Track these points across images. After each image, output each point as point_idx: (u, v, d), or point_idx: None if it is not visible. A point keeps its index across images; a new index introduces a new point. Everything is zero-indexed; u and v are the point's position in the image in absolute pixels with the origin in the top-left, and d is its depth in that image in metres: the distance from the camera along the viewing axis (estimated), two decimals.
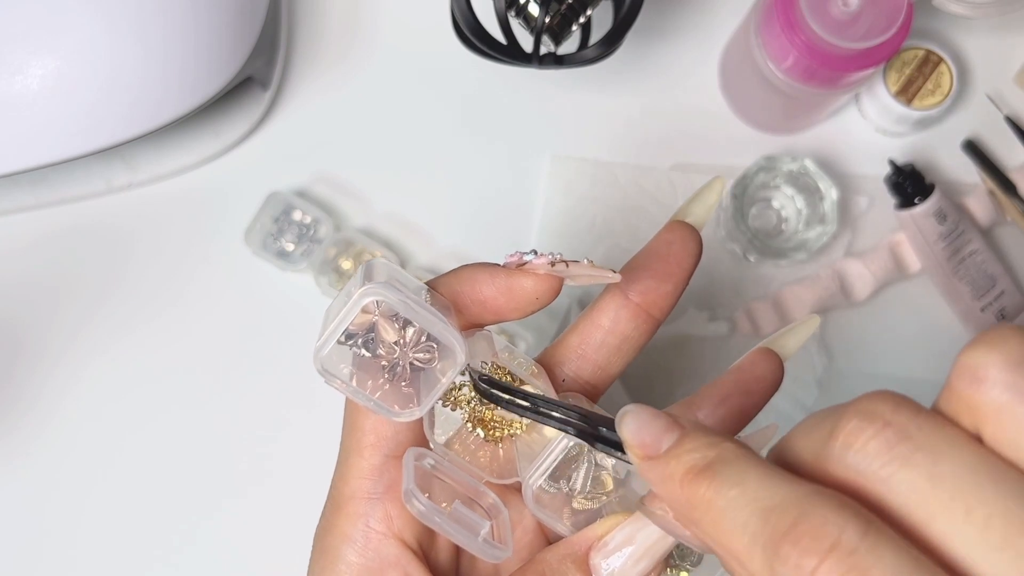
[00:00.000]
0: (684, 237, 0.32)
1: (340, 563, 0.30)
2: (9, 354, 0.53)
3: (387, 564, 0.30)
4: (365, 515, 0.30)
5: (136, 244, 0.53)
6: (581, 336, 0.33)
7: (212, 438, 0.52)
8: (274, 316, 0.53)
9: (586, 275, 0.30)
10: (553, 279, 0.30)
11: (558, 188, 0.53)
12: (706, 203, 0.33)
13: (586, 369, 0.33)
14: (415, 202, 0.54)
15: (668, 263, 0.32)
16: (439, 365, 0.29)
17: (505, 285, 0.30)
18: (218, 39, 0.46)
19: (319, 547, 0.31)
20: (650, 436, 0.24)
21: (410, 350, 0.29)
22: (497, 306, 0.30)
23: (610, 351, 0.32)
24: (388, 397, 0.29)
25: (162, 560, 0.52)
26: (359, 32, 0.55)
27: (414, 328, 0.29)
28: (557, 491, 0.30)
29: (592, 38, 0.47)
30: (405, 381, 0.29)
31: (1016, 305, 0.54)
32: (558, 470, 0.30)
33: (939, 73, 0.53)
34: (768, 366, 0.32)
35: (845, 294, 0.53)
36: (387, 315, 0.28)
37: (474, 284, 0.31)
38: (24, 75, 0.43)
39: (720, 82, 0.55)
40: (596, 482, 0.30)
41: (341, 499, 0.31)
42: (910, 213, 0.52)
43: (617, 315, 0.32)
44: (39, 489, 0.52)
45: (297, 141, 0.54)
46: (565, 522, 0.30)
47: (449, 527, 0.28)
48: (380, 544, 0.30)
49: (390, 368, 0.29)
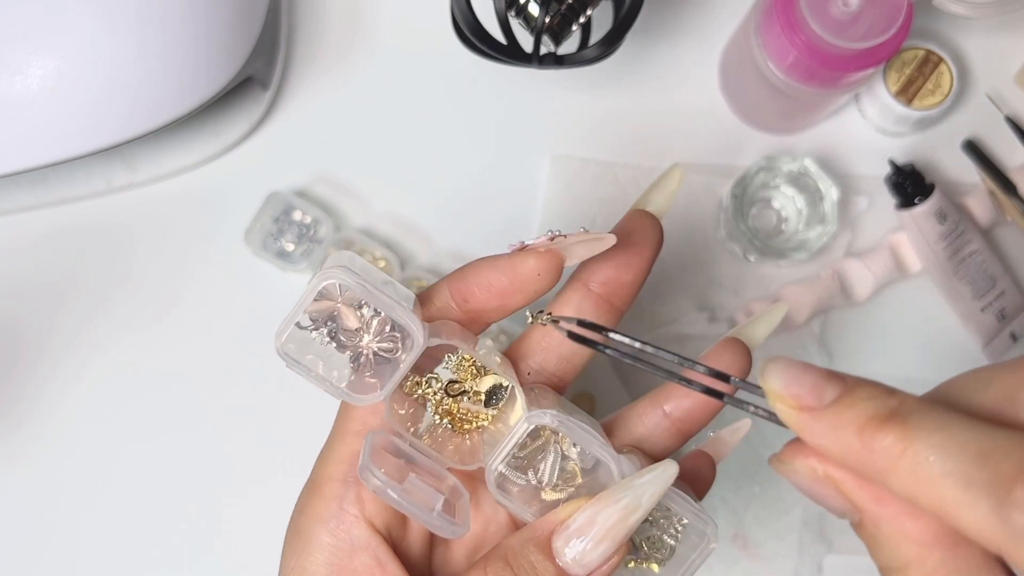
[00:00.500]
0: (644, 226, 0.33)
1: (312, 542, 0.30)
2: (9, 354, 0.53)
3: (358, 546, 0.30)
4: (339, 497, 0.30)
5: (136, 244, 0.53)
6: (544, 329, 0.33)
7: (212, 438, 0.52)
8: (274, 316, 0.53)
9: (582, 242, 0.30)
10: (553, 254, 0.30)
11: (558, 188, 0.53)
12: (666, 191, 0.33)
13: (551, 361, 0.33)
14: (415, 202, 0.54)
15: (628, 253, 0.32)
16: (404, 356, 0.29)
17: (507, 265, 0.30)
18: (218, 39, 0.46)
19: (293, 528, 0.31)
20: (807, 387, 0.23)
21: (373, 340, 0.29)
22: (502, 288, 0.31)
23: (572, 344, 0.32)
24: (353, 387, 0.29)
25: (163, 560, 0.52)
26: (359, 32, 0.55)
27: (378, 318, 0.29)
28: (525, 483, 0.30)
29: (592, 38, 0.47)
30: (370, 371, 0.30)
31: (1016, 305, 0.54)
32: (525, 460, 0.30)
33: (939, 73, 0.53)
34: (734, 357, 0.32)
35: (845, 294, 0.53)
36: (349, 303, 0.29)
37: (479, 271, 0.31)
38: (24, 75, 0.43)
39: (720, 82, 0.55)
40: (564, 473, 0.30)
41: (319, 480, 0.31)
42: (910, 213, 0.52)
43: (580, 306, 0.32)
44: (39, 489, 0.52)
45: (297, 141, 0.54)
46: (531, 511, 0.30)
47: (404, 500, 0.28)
48: (352, 526, 0.30)
49: (354, 358, 0.29)
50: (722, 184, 0.53)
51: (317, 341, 0.29)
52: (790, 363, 0.23)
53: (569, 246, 0.30)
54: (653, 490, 0.28)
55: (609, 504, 0.28)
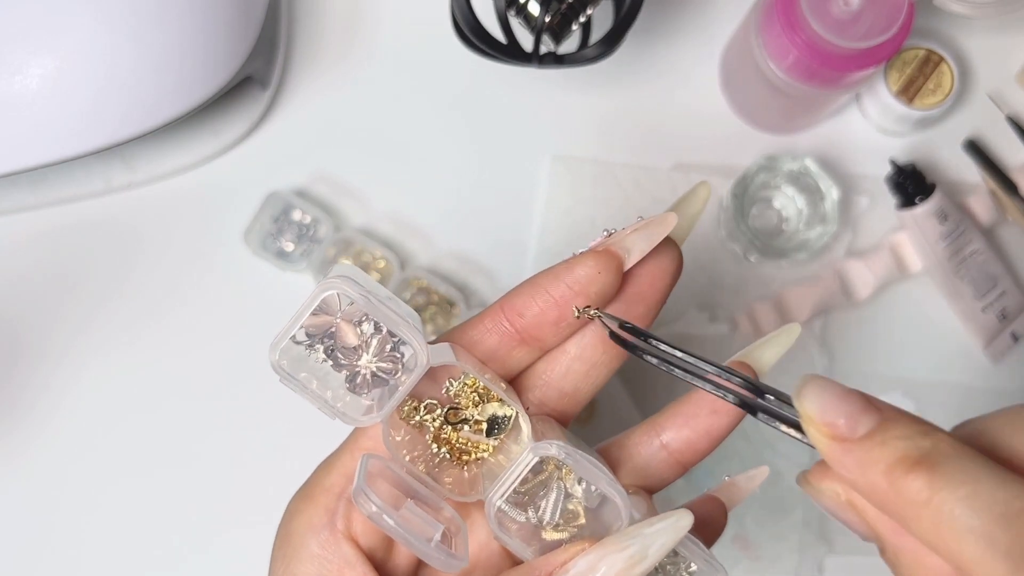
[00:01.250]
0: (661, 254, 0.30)
1: (303, 551, 0.30)
2: (8, 353, 0.53)
3: (345, 564, 0.29)
4: (333, 511, 0.30)
5: (135, 244, 0.53)
6: (547, 362, 0.31)
7: (211, 438, 0.52)
8: (274, 316, 0.53)
9: (637, 231, 0.28)
10: (609, 250, 0.29)
11: (558, 188, 0.53)
12: (689, 213, 0.31)
13: (551, 396, 0.31)
14: (415, 202, 0.54)
15: (641, 284, 0.30)
16: (403, 377, 0.28)
17: (564, 269, 0.29)
18: (217, 38, 0.46)
19: (284, 531, 0.30)
20: (843, 415, 0.22)
21: (373, 359, 0.28)
22: (561, 294, 0.29)
23: (577, 378, 0.31)
24: (348, 408, 0.28)
25: (163, 560, 0.52)
26: (359, 32, 0.55)
27: (379, 336, 0.28)
28: (525, 520, 0.28)
29: (592, 38, 0.47)
30: (366, 391, 0.28)
31: (1017, 305, 0.53)
32: (526, 496, 0.28)
33: (940, 73, 0.53)
34: None
35: (846, 294, 0.53)
36: (348, 318, 0.28)
37: (534, 281, 0.29)
38: (24, 75, 0.43)
39: (720, 82, 0.55)
40: (566, 513, 0.29)
41: (317, 489, 0.30)
42: (911, 213, 0.52)
43: (584, 342, 0.30)
44: (39, 488, 0.52)
45: (297, 141, 0.54)
46: (530, 549, 0.28)
47: (400, 528, 0.27)
48: (340, 543, 0.29)
49: (351, 377, 0.28)
50: (722, 184, 0.53)
51: (313, 358, 0.28)
52: (828, 386, 0.22)
53: (625, 239, 0.29)
54: (663, 541, 0.26)
55: (614, 551, 0.26)
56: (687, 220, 0.31)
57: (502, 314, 0.30)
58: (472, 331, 0.30)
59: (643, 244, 0.29)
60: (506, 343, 0.30)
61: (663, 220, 0.28)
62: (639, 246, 0.29)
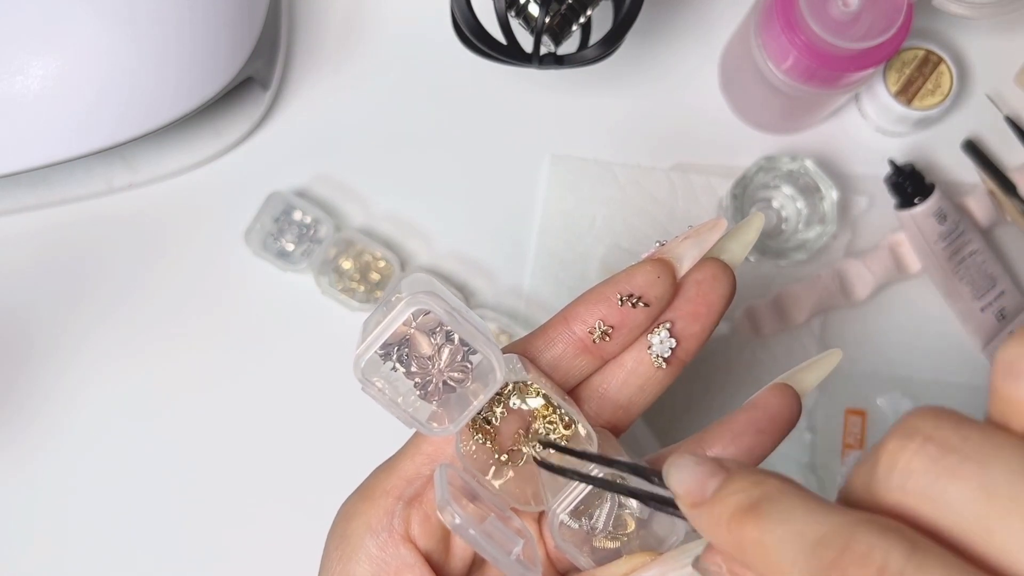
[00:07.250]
0: (716, 276, 0.31)
1: (361, 551, 0.30)
2: (7, 353, 0.53)
3: (404, 565, 0.30)
4: (392, 513, 0.30)
5: (136, 244, 0.53)
6: (603, 375, 0.32)
7: (211, 438, 0.52)
8: (274, 316, 0.53)
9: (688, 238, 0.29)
10: (664, 260, 0.30)
11: (558, 188, 0.53)
12: (743, 240, 0.31)
13: (606, 409, 0.32)
14: (415, 202, 0.54)
15: (696, 304, 0.31)
16: (472, 386, 0.29)
17: (624, 277, 0.30)
18: (218, 39, 0.46)
19: (340, 532, 0.31)
20: (695, 482, 0.22)
21: (445, 369, 0.29)
22: (627, 306, 0.30)
23: (632, 391, 0.32)
24: (419, 413, 0.29)
25: (167, 560, 0.52)
26: (359, 32, 0.55)
27: (451, 346, 0.28)
28: (578, 528, 0.29)
29: (592, 38, 0.47)
30: (437, 400, 0.29)
31: (1016, 305, 0.54)
32: (583, 506, 0.29)
33: (939, 73, 0.53)
34: (783, 403, 0.30)
35: (845, 294, 0.53)
36: (424, 329, 0.28)
37: (595, 290, 0.30)
38: (25, 75, 0.43)
39: (720, 82, 0.55)
40: (618, 522, 0.29)
41: (376, 491, 0.31)
42: (910, 213, 0.52)
43: (640, 356, 0.31)
44: (40, 488, 0.52)
45: (297, 141, 0.54)
46: (588, 559, 0.29)
47: (484, 542, 0.27)
48: (399, 545, 0.30)
49: (422, 385, 0.29)
50: (722, 184, 0.53)
51: (387, 366, 0.28)
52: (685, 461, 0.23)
53: (677, 247, 0.30)
54: None
55: (675, 568, 0.26)
56: (741, 247, 0.32)
57: (566, 323, 0.31)
58: (537, 341, 0.31)
59: (694, 251, 0.30)
60: (571, 351, 0.31)
61: (713, 226, 0.29)
62: (691, 253, 0.30)
